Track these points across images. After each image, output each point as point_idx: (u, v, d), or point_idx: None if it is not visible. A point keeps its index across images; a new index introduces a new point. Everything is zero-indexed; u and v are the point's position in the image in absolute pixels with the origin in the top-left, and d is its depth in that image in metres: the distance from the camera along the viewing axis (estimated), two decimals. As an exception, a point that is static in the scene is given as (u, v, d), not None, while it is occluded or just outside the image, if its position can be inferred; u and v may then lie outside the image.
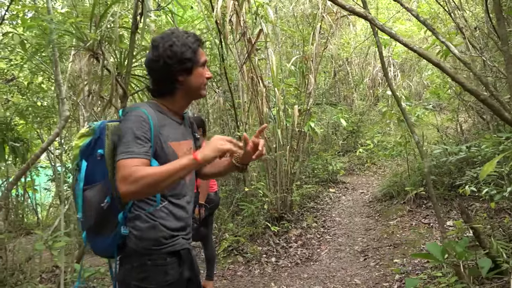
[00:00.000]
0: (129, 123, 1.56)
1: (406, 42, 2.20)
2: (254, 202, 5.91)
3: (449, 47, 2.34)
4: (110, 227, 1.61)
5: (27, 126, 9.19)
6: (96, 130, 1.64)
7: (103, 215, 1.59)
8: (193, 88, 1.68)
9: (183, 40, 1.62)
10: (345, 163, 9.61)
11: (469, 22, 5.27)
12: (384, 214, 5.92)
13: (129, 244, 1.62)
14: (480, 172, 1.74)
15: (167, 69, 1.61)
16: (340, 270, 4.42)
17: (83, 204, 1.60)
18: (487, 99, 2.11)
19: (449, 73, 2.18)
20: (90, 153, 1.63)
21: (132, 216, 1.63)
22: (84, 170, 1.61)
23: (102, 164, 1.61)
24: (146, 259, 1.61)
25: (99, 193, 1.60)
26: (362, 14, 2.30)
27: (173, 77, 1.63)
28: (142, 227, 1.61)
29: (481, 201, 5.08)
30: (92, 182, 1.61)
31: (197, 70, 1.66)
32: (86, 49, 3.10)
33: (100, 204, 1.58)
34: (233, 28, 5.65)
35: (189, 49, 1.62)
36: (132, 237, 1.61)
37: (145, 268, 1.60)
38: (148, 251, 1.61)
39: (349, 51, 11.06)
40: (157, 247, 1.62)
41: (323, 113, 10.09)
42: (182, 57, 1.60)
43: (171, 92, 1.68)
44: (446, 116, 9.06)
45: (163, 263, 1.63)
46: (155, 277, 1.61)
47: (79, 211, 1.60)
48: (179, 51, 1.60)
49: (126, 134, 1.52)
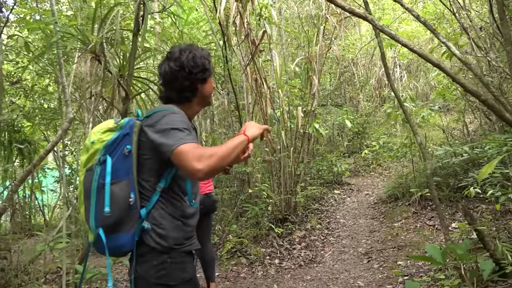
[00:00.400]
0: (173, 118, 1.62)
1: (406, 43, 2.18)
2: (258, 203, 5.90)
3: (450, 48, 2.32)
4: (129, 223, 1.63)
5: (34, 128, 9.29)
6: (125, 126, 1.68)
7: (128, 210, 1.62)
8: (206, 96, 1.83)
9: (201, 53, 1.78)
10: (351, 165, 9.57)
11: (474, 22, 5.22)
12: (388, 216, 5.88)
13: (147, 242, 1.64)
14: (479, 174, 1.72)
15: (191, 78, 1.74)
16: (343, 272, 4.39)
17: (110, 199, 1.61)
18: (488, 100, 2.09)
19: (449, 74, 2.16)
20: (115, 148, 1.66)
21: (157, 214, 1.66)
22: (110, 165, 1.62)
23: (128, 160, 1.64)
24: (166, 257, 1.64)
25: (125, 188, 1.62)
26: (361, 15, 2.29)
27: (193, 85, 1.76)
28: (167, 226, 1.65)
29: (487, 203, 5.02)
30: (117, 177, 1.63)
31: (210, 80, 1.83)
32: (88, 52, 3.12)
33: (128, 199, 1.61)
34: (237, 29, 5.66)
35: (207, 60, 1.79)
36: (153, 234, 1.64)
37: (165, 266, 1.64)
38: (168, 250, 1.65)
39: (354, 52, 11.01)
40: (178, 246, 1.67)
41: (329, 114, 10.07)
42: (204, 68, 1.76)
43: (189, 99, 1.79)
44: (452, 117, 9.00)
45: (181, 261, 1.68)
46: (174, 274, 1.66)
47: (106, 205, 1.60)
48: (201, 62, 1.75)
49: (175, 126, 1.58)
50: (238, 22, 5.61)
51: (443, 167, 5.92)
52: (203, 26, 7.60)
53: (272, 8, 5.79)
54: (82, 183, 1.68)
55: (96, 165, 1.64)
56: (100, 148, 1.66)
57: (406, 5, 2.50)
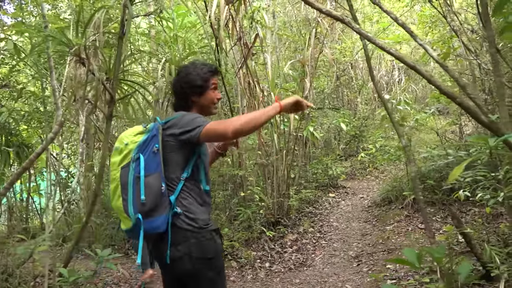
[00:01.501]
0: (192, 115, 2.03)
1: (382, 45, 2.17)
2: (251, 206, 5.89)
3: (427, 50, 2.32)
4: (163, 208, 1.94)
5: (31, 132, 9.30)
6: (152, 129, 2.03)
7: (161, 197, 1.94)
8: (204, 106, 2.16)
9: (197, 71, 2.12)
10: (347, 168, 9.55)
11: (464, 26, 5.21)
12: (381, 219, 5.86)
13: (179, 225, 1.96)
14: (449, 175, 1.71)
15: (183, 91, 2.13)
16: (332, 275, 4.37)
17: (145, 188, 1.92)
18: (463, 101, 2.08)
19: (425, 76, 2.15)
20: (146, 147, 1.99)
21: (185, 201, 2.00)
22: (143, 161, 1.95)
23: (157, 156, 1.98)
24: (200, 236, 1.96)
25: (157, 179, 1.95)
26: (338, 17, 2.28)
27: (187, 97, 2.13)
28: (196, 210, 2.00)
29: (479, 206, 5.00)
30: (149, 171, 1.95)
31: (207, 93, 2.14)
32: (72, 54, 3.12)
33: (160, 188, 1.94)
34: (229, 33, 5.67)
35: (201, 78, 2.11)
36: (185, 218, 1.97)
37: (203, 243, 1.96)
38: (199, 230, 1.96)
39: (351, 56, 11.01)
40: (206, 226, 1.99)
41: (325, 117, 10.06)
42: (194, 84, 2.11)
43: (188, 108, 2.14)
44: (448, 120, 8.96)
45: (212, 237, 2.00)
46: (211, 248, 1.98)
47: (142, 194, 1.91)
48: (192, 79, 2.11)
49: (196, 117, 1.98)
50: (230, 25, 5.63)
51: (437, 170, 5.90)
52: (199, 29, 7.61)
53: (264, 12, 5.79)
54: (118, 179, 2.00)
55: (132, 162, 1.97)
56: (133, 148, 2.00)
57: (384, 8, 2.50)
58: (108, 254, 3.30)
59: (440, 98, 7.05)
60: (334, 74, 10.92)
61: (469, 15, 7.95)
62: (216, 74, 2.18)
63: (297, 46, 10.24)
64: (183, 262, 1.94)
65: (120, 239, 6.56)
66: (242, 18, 5.78)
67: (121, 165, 2.00)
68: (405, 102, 6.63)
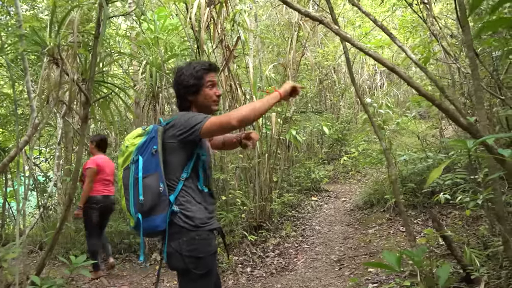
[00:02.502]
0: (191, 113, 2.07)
1: (360, 46, 2.15)
2: (233, 210, 5.83)
3: (406, 52, 2.31)
4: (162, 207, 2.01)
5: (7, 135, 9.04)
6: (151, 131, 2.09)
7: (159, 197, 2.00)
8: (202, 104, 2.18)
9: (190, 71, 2.15)
10: (330, 171, 9.55)
11: (444, 30, 5.27)
12: (363, 222, 5.85)
13: (177, 222, 2.01)
14: (428, 178, 1.68)
15: (179, 92, 2.20)
16: (314, 280, 4.33)
17: (143, 189, 2.00)
18: (441, 104, 2.07)
19: (404, 78, 2.13)
20: (145, 149, 2.06)
21: (183, 200, 2.04)
22: (142, 162, 2.03)
23: (156, 158, 2.03)
24: (194, 234, 2.01)
25: (155, 180, 2.01)
26: (317, 18, 2.25)
27: (184, 97, 2.18)
28: (193, 209, 2.04)
29: (459, 209, 5.04)
30: (148, 172, 2.02)
31: (203, 91, 2.16)
32: (45, 55, 3.02)
33: (158, 188, 2.00)
34: (211, 35, 5.61)
35: (193, 77, 2.14)
36: (182, 216, 2.02)
37: (194, 242, 2.01)
38: (195, 228, 2.01)
39: (333, 60, 11.06)
40: (203, 225, 2.04)
41: (308, 121, 10.06)
42: (187, 84, 2.14)
43: (187, 107, 2.20)
44: (429, 123, 9.07)
45: (207, 237, 2.05)
46: (202, 248, 2.02)
47: (140, 195, 2.00)
48: (185, 79, 2.15)
49: (195, 115, 2.03)
50: (212, 27, 5.57)
51: (418, 173, 5.93)
52: (181, 32, 7.53)
53: (245, 14, 5.75)
54: (121, 179, 2.10)
55: (131, 164, 2.07)
56: (133, 150, 2.08)
57: (363, 9, 2.48)
58: (84, 261, 3.19)
59: (421, 102, 7.14)
60: (317, 78, 10.95)
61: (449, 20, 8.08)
62: (211, 71, 2.19)
63: (280, 49, 10.25)
64: (175, 258, 2.02)
65: (98, 245, 6.40)
66: (223, 21, 5.73)
67: (123, 167, 2.11)
68: (387, 105, 6.66)
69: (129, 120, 8.71)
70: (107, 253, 5.34)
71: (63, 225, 3.24)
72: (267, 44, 10.89)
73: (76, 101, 4.67)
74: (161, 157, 2.04)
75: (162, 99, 6.65)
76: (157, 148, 2.04)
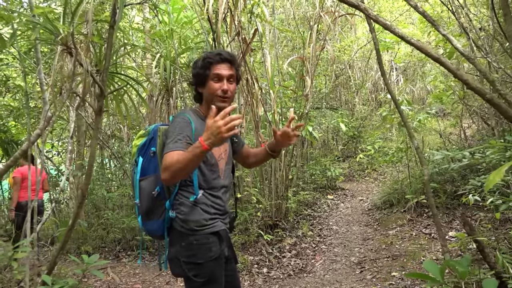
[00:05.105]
0: (175, 125, 1.87)
1: (402, 34, 1.95)
2: (248, 208, 5.66)
3: (451, 41, 2.10)
4: (159, 212, 1.94)
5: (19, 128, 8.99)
6: (151, 131, 2.02)
7: (154, 201, 1.93)
8: (208, 97, 1.98)
9: (200, 61, 1.99)
10: (345, 169, 9.34)
11: (473, 23, 5.01)
12: (383, 223, 5.64)
13: (176, 227, 1.92)
14: (486, 182, 1.49)
15: (192, 82, 2.07)
16: (334, 283, 4.14)
17: (139, 192, 1.95)
18: (493, 98, 1.86)
19: (451, 69, 1.93)
20: (145, 151, 2.00)
21: (177, 203, 1.93)
22: (140, 164, 1.98)
23: (155, 160, 1.96)
24: (192, 239, 1.88)
25: (151, 183, 1.94)
26: (353, 3, 2.06)
27: (196, 88, 2.05)
28: (186, 211, 1.90)
29: (486, 211, 4.81)
30: (145, 174, 1.97)
31: (208, 83, 1.96)
32: (58, 43, 2.87)
33: (151, 192, 1.93)
34: (228, 27, 5.43)
35: (200, 67, 1.97)
36: (178, 220, 1.91)
37: (192, 247, 1.88)
38: (192, 232, 1.89)
39: (350, 54, 10.81)
40: (199, 227, 1.89)
41: (323, 117, 9.85)
42: (194, 73, 2.01)
43: (200, 99, 2.07)
44: (450, 121, 8.80)
45: (207, 242, 1.90)
46: (201, 253, 1.88)
47: (136, 197, 1.97)
48: (194, 68, 2.02)
49: (172, 134, 1.82)
50: (228, 19, 5.38)
51: (440, 173, 5.70)
52: (195, 25, 7.36)
53: (264, 6, 5.55)
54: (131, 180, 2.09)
55: (133, 165, 2.05)
56: (135, 152, 2.05)
57: None
58: (95, 262, 3.05)
59: (442, 98, 6.88)
60: (333, 73, 10.71)
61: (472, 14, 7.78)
62: (221, 62, 1.94)
63: (295, 44, 10.02)
64: (174, 265, 1.93)
65: (110, 241, 6.29)
66: (240, 12, 5.54)
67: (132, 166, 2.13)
68: (408, 102, 6.42)
69: (142, 114, 8.59)
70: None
71: (76, 222, 3.10)
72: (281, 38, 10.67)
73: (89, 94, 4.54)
74: (160, 159, 1.93)
75: (176, 93, 6.50)
76: (156, 149, 1.96)
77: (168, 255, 1.96)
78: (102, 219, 6.53)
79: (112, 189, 7.76)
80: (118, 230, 6.22)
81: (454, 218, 5.08)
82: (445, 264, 1.92)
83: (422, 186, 5.70)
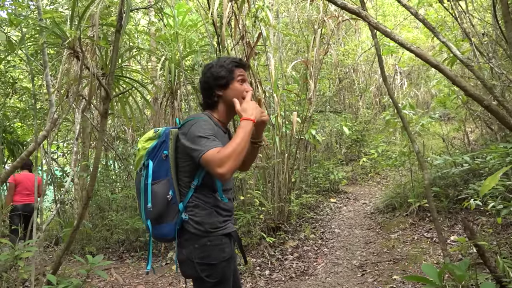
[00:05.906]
0: (200, 126, 1.85)
1: (401, 41, 1.99)
2: (250, 211, 5.69)
3: (451, 48, 2.13)
4: (171, 215, 1.93)
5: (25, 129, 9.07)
6: (162, 134, 1.99)
7: (168, 205, 1.92)
8: (229, 100, 1.99)
9: (220, 63, 2.01)
10: (348, 173, 9.36)
11: (476, 29, 5.04)
12: (385, 226, 5.66)
13: (188, 229, 1.91)
14: (481, 187, 1.52)
15: (208, 86, 2.02)
16: (336, 286, 4.17)
17: (152, 196, 1.93)
18: (491, 105, 1.90)
19: (449, 76, 1.96)
20: (155, 154, 1.98)
21: (192, 205, 1.92)
22: (151, 168, 1.95)
23: (167, 163, 1.94)
24: (206, 240, 1.89)
25: (164, 187, 1.93)
26: (354, 10, 2.10)
27: (212, 92, 2.00)
28: (201, 213, 1.91)
29: (487, 215, 4.82)
30: (157, 178, 1.94)
31: (233, 85, 1.99)
32: (65, 47, 2.93)
33: (166, 196, 1.92)
34: (232, 31, 5.48)
35: (224, 68, 1.99)
36: (192, 222, 1.91)
37: (205, 248, 1.90)
38: (206, 234, 1.90)
39: (354, 58, 10.84)
40: (214, 229, 1.92)
41: (327, 120, 9.88)
42: (217, 75, 1.98)
43: (214, 104, 2.03)
44: (453, 126, 8.80)
45: (220, 243, 1.92)
46: (215, 254, 1.90)
47: (149, 202, 1.93)
48: (215, 71, 2.00)
49: (200, 134, 1.81)
50: (233, 23, 5.44)
51: (442, 177, 5.71)
52: (200, 28, 7.42)
53: (268, 10, 5.60)
54: (135, 183, 2.03)
55: (142, 168, 1.99)
56: (144, 154, 2.00)
57: (403, 3, 2.32)
58: (99, 262, 3.09)
59: (446, 103, 6.90)
60: (336, 77, 10.75)
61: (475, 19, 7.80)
62: (241, 67, 2.02)
63: (299, 48, 10.07)
64: (187, 266, 1.93)
65: (114, 242, 6.35)
66: (245, 16, 5.60)
67: (136, 170, 2.05)
68: (411, 106, 6.44)
69: (146, 117, 8.66)
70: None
71: (81, 223, 3.15)
72: (285, 42, 10.73)
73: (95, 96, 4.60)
74: (172, 162, 1.95)
75: (180, 96, 6.56)
76: (168, 153, 1.95)
77: (179, 256, 1.96)
78: (106, 220, 6.60)
79: (116, 191, 7.83)
80: (122, 231, 6.27)
81: (456, 223, 5.10)
82: (444, 267, 1.95)
83: (425, 190, 5.71)
